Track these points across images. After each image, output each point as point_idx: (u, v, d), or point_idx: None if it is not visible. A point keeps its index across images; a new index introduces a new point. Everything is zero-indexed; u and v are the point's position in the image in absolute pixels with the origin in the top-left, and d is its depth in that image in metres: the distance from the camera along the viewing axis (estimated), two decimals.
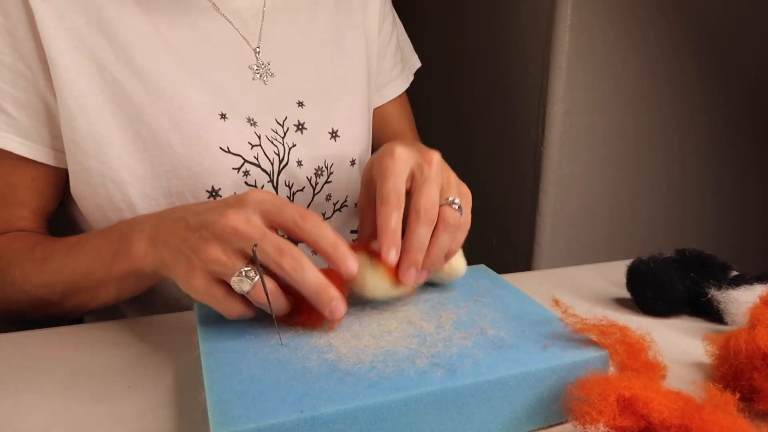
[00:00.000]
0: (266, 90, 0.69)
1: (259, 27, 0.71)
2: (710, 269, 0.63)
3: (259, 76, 0.69)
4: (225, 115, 0.65)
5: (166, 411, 0.46)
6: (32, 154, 0.63)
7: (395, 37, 0.86)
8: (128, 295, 0.59)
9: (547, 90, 1.22)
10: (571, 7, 1.16)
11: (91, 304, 0.60)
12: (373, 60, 0.81)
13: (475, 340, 0.46)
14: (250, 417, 0.37)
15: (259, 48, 0.70)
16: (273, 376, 0.41)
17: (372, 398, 0.39)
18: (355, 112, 0.76)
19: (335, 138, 0.72)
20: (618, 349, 0.44)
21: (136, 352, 0.54)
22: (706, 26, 1.30)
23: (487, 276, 0.59)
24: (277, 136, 0.68)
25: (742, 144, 1.44)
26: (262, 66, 0.69)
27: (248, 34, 0.70)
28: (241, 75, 0.69)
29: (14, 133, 0.61)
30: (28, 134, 0.62)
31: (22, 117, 0.61)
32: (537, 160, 1.26)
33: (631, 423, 0.38)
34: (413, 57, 0.91)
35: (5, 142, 0.61)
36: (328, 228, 0.47)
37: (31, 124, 0.62)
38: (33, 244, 0.62)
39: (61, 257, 0.59)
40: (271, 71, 0.70)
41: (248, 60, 0.69)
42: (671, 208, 1.41)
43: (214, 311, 0.51)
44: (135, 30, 0.63)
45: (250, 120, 0.67)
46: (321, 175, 0.71)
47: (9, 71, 0.60)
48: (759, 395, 0.45)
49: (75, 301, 0.60)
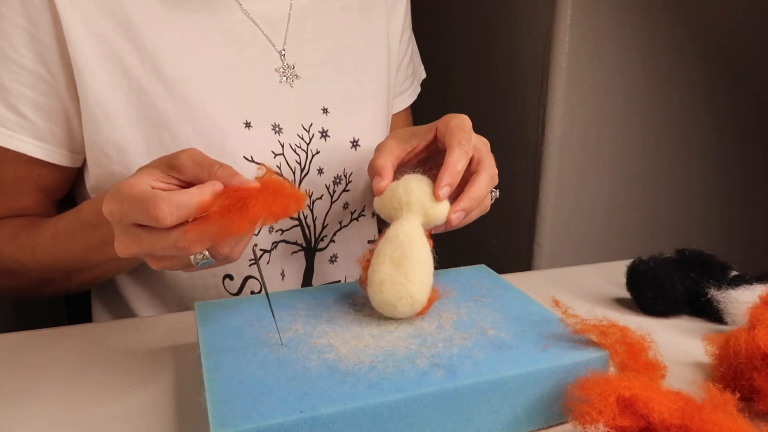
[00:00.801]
0: (293, 93, 0.69)
1: (285, 30, 0.70)
2: (710, 269, 0.63)
3: (285, 79, 0.69)
4: (249, 124, 0.65)
5: (166, 411, 0.46)
6: (45, 155, 0.63)
7: (410, 51, 0.86)
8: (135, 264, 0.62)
9: (547, 90, 1.22)
10: (571, 7, 1.16)
11: (99, 279, 0.64)
12: (393, 69, 0.81)
13: (476, 341, 0.46)
14: (250, 417, 0.37)
15: (284, 51, 0.69)
16: (273, 376, 0.41)
17: (372, 399, 0.39)
18: (376, 120, 0.76)
19: (356, 147, 0.72)
20: (618, 350, 0.44)
21: (136, 352, 0.54)
22: (706, 25, 1.30)
23: (487, 276, 0.59)
24: (302, 142, 0.68)
25: (744, 143, 1.44)
26: (288, 68, 0.69)
27: (274, 37, 0.70)
28: (267, 78, 0.68)
29: (28, 135, 0.62)
30: (43, 136, 0.62)
31: (39, 120, 0.62)
32: (537, 160, 1.26)
33: (631, 423, 0.38)
34: (420, 68, 0.91)
35: (18, 143, 0.62)
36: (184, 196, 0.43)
37: (47, 126, 0.62)
38: (16, 232, 0.64)
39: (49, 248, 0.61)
40: (296, 74, 0.70)
41: (274, 63, 0.69)
42: (671, 207, 1.41)
43: (215, 311, 0.51)
44: (163, 36, 0.62)
45: (275, 126, 0.67)
46: (339, 184, 0.71)
47: (29, 74, 0.60)
48: (759, 395, 0.45)
49: (81, 278, 0.63)
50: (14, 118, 0.61)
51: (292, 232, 0.69)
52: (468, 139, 0.54)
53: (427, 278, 0.49)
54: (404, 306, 0.48)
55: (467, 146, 0.53)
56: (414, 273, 0.48)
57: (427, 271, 0.49)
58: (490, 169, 0.55)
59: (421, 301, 0.49)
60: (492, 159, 0.56)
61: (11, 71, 0.59)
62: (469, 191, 0.53)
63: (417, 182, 0.52)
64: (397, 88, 0.85)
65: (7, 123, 0.61)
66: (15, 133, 0.61)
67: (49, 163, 0.64)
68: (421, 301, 0.49)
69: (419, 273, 0.48)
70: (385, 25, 0.79)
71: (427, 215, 0.51)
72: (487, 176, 0.54)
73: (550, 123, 1.23)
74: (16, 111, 0.61)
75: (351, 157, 0.72)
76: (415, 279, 0.48)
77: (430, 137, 0.57)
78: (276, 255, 0.69)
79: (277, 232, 0.68)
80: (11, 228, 0.65)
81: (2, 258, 0.64)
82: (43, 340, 0.56)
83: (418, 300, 0.48)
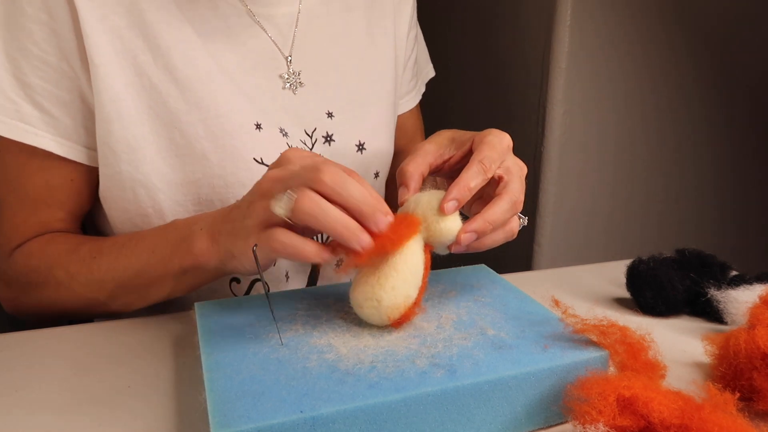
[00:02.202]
0: (294, 100, 0.69)
1: (293, 33, 0.70)
2: (710, 269, 0.63)
3: (288, 86, 0.68)
4: (260, 125, 0.65)
5: (166, 411, 0.46)
6: (71, 154, 0.62)
7: (416, 51, 0.85)
8: (182, 293, 0.59)
9: (547, 90, 1.22)
10: (571, 7, 1.16)
11: (140, 302, 0.61)
12: (400, 70, 0.80)
13: (475, 341, 0.46)
14: (250, 417, 0.37)
15: (291, 56, 0.69)
16: (273, 376, 0.41)
17: (372, 399, 0.39)
18: (382, 123, 0.75)
19: (361, 151, 0.72)
20: (618, 349, 0.44)
21: (136, 352, 0.54)
22: (705, 26, 1.30)
23: (487, 276, 0.59)
24: (306, 147, 0.68)
25: (742, 144, 1.44)
26: (292, 75, 0.69)
27: (281, 42, 0.69)
28: (272, 84, 0.68)
29: (54, 133, 0.61)
30: (69, 134, 0.61)
31: (65, 117, 0.61)
32: (537, 160, 1.26)
33: (631, 423, 0.38)
34: (428, 66, 0.90)
35: (44, 141, 0.60)
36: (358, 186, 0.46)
37: (72, 124, 0.61)
38: (77, 244, 0.62)
39: (112, 256, 0.59)
40: (300, 81, 0.69)
41: (280, 69, 0.69)
42: (671, 208, 1.41)
43: (215, 311, 0.51)
44: (175, 35, 0.62)
45: (282, 131, 0.67)
46: None
47: (54, 71, 0.59)
48: (758, 395, 0.45)
49: (125, 299, 0.60)
50: (40, 116, 0.60)
51: None
52: (493, 158, 0.51)
53: (403, 288, 0.47)
54: (369, 308, 0.47)
55: (488, 164, 0.51)
56: (387, 279, 0.46)
57: (404, 282, 0.47)
58: (513, 195, 0.51)
59: (389, 307, 0.46)
60: (521, 185, 0.53)
61: (35, 68, 0.59)
62: (485, 213, 0.50)
63: (429, 196, 0.50)
64: (403, 88, 0.84)
65: (34, 121, 0.60)
66: (41, 131, 0.60)
67: (78, 164, 0.63)
68: (388, 308, 0.46)
69: (393, 280, 0.46)
70: (392, 25, 0.78)
71: (429, 229, 0.49)
72: (508, 201, 0.51)
73: (550, 123, 1.23)
74: (42, 108, 0.60)
75: (357, 161, 0.72)
76: (386, 284, 0.46)
77: (466, 148, 0.54)
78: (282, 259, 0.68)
79: None
80: (70, 242, 0.63)
81: (54, 273, 0.61)
82: (44, 340, 0.56)
83: (384, 305, 0.46)
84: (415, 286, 0.48)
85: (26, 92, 0.59)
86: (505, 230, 0.52)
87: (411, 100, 0.86)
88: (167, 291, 0.59)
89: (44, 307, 0.64)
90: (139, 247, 0.58)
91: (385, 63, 0.77)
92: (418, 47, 0.87)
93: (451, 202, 0.49)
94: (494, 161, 0.51)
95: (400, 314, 0.47)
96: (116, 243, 0.60)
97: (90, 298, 0.61)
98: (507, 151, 0.53)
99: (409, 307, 0.48)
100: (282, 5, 0.70)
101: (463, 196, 0.49)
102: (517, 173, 0.53)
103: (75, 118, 0.61)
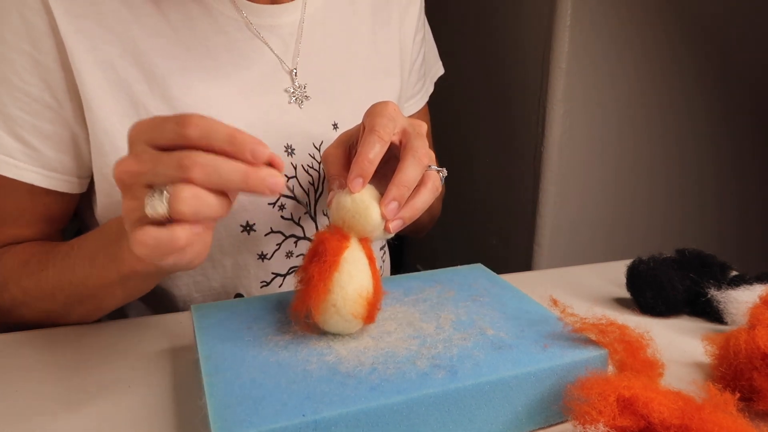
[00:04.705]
0: (301, 114, 0.67)
1: (295, 45, 0.68)
2: (710, 269, 0.63)
3: (294, 100, 0.67)
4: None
5: (166, 414, 0.46)
6: (53, 184, 0.61)
7: (423, 53, 0.83)
8: (137, 296, 0.58)
9: (547, 90, 1.22)
10: (571, 7, 1.16)
11: (97, 312, 0.59)
12: (406, 74, 0.79)
13: (475, 341, 0.46)
14: (252, 422, 0.37)
15: (296, 70, 0.67)
16: (273, 379, 0.41)
17: (374, 401, 0.39)
18: None
19: None
20: (617, 347, 0.44)
21: (136, 353, 0.54)
22: (705, 26, 1.30)
23: (484, 275, 0.59)
24: (314, 162, 0.67)
25: (742, 143, 1.44)
26: (298, 89, 0.67)
27: (285, 54, 0.67)
28: (278, 99, 0.66)
29: (36, 165, 0.59)
30: (53, 167, 0.60)
31: (47, 149, 0.59)
32: (537, 160, 1.26)
33: (631, 423, 0.38)
34: (437, 64, 0.89)
35: (25, 174, 0.59)
36: (216, 122, 0.41)
37: (56, 155, 0.60)
38: (27, 258, 0.60)
39: (57, 267, 0.57)
40: (306, 94, 0.67)
41: (284, 83, 0.67)
42: (671, 208, 1.41)
43: (211, 313, 0.51)
44: (171, 63, 0.60)
45: (288, 148, 0.65)
46: None
47: (35, 103, 0.58)
48: (759, 395, 0.45)
49: (81, 310, 0.58)
50: (21, 148, 0.58)
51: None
52: (384, 123, 0.49)
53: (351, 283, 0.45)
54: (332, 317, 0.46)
55: (381, 130, 0.48)
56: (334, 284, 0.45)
57: (351, 276, 0.46)
58: (415, 151, 0.49)
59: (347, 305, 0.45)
60: (422, 140, 0.50)
61: (16, 99, 0.57)
62: (394, 179, 0.47)
63: (338, 197, 0.48)
64: (408, 92, 0.82)
65: (14, 153, 0.58)
66: (22, 163, 0.59)
67: (57, 192, 0.62)
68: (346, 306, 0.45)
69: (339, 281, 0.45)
70: (397, 29, 0.76)
71: (354, 227, 0.48)
72: (412, 158, 0.48)
73: (550, 123, 1.23)
74: (22, 141, 0.58)
75: None
76: (334, 289, 0.45)
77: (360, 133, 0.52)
78: (290, 279, 0.68)
79: (298, 257, 0.67)
80: (23, 254, 0.61)
81: (9, 288, 0.59)
82: (43, 340, 0.56)
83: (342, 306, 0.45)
84: (366, 276, 0.47)
85: (6, 124, 0.58)
86: (427, 188, 0.50)
87: (417, 103, 0.85)
88: (119, 298, 0.56)
89: (12, 320, 0.61)
90: (79, 257, 0.56)
91: (389, 69, 0.75)
92: (426, 47, 0.85)
93: (355, 180, 0.47)
94: (385, 126, 0.49)
95: (364, 308, 0.46)
96: (60, 252, 0.58)
97: (47, 311, 0.59)
98: (396, 115, 0.51)
99: (369, 298, 0.46)
100: (285, 14, 0.68)
101: (364, 169, 0.47)
102: (415, 131, 0.51)
103: (58, 149, 0.60)
